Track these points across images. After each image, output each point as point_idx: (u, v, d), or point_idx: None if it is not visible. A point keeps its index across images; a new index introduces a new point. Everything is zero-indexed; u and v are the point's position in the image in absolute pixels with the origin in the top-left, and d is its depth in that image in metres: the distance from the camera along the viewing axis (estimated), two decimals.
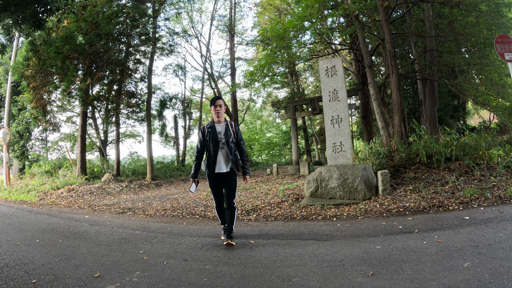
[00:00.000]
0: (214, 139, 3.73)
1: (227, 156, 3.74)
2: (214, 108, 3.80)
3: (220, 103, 3.80)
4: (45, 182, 11.08)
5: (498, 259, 2.47)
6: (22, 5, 5.30)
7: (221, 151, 3.74)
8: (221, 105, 3.80)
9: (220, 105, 3.80)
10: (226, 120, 3.90)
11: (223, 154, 3.74)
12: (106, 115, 12.89)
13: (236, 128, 3.89)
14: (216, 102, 3.80)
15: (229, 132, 3.79)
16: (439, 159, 6.01)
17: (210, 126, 3.83)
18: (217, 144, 3.74)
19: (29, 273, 2.86)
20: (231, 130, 3.82)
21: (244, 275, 2.63)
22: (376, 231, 3.71)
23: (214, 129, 3.79)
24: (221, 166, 3.72)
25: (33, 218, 6.03)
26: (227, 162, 3.74)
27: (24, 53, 11.69)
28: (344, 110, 5.82)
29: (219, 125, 3.83)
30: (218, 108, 3.78)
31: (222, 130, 3.79)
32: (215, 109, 3.79)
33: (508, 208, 4.00)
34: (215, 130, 3.79)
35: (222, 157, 3.73)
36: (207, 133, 3.80)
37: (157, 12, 13.58)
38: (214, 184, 3.83)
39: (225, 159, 3.74)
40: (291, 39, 9.14)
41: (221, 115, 3.81)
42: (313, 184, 5.62)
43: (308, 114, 14.14)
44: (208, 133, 3.80)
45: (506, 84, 9.69)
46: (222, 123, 3.84)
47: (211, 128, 3.80)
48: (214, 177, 3.78)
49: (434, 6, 9.05)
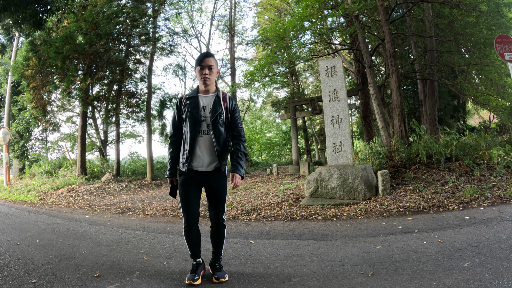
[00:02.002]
0: (193, 118, 2.44)
1: (212, 146, 2.46)
2: (200, 70, 2.46)
3: (210, 62, 2.46)
4: (45, 182, 11.08)
5: (498, 259, 2.47)
6: (22, 5, 5.31)
7: (202, 138, 2.46)
8: (212, 67, 2.47)
9: (210, 66, 2.46)
10: (218, 90, 2.58)
11: (205, 143, 2.46)
12: (106, 115, 12.89)
13: (231, 104, 2.57)
14: (205, 61, 2.45)
15: (219, 108, 2.48)
16: (439, 159, 6.01)
17: (190, 96, 2.52)
18: (197, 126, 2.44)
19: (29, 273, 2.86)
20: (222, 105, 2.51)
21: (244, 275, 2.63)
22: (376, 231, 3.71)
23: (196, 101, 2.49)
24: (201, 160, 2.47)
25: (33, 218, 6.03)
26: (211, 155, 2.47)
27: (24, 53, 11.70)
28: (344, 110, 5.82)
29: (204, 96, 2.52)
30: (207, 71, 2.45)
31: (209, 105, 2.49)
32: (202, 72, 2.46)
33: (508, 208, 4.00)
34: (197, 103, 2.48)
35: (204, 147, 2.46)
36: (185, 105, 2.50)
37: (157, 12, 13.59)
38: (187, 189, 2.49)
39: (209, 151, 2.47)
40: (291, 39, 9.14)
41: (211, 82, 2.50)
42: (313, 184, 5.62)
43: (308, 114, 14.14)
44: (186, 107, 2.49)
45: (506, 84, 9.70)
46: (211, 94, 2.54)
47: (191, 100, 2.49)
48: (189, 178, 2.49)
49: (434, 6, 9.05)
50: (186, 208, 2.49)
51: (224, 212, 2.63)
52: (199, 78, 2.50)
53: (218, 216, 2.58)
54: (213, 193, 2.56)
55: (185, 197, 2.48)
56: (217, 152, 2.46)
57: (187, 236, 2.53)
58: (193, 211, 2.50)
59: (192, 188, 2.50)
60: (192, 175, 2.49)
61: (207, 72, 2.46)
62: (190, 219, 2.50)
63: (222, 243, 2.64)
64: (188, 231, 2.52)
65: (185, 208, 2.50)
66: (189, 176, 2.49)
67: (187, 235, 2.53)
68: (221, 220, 2.60)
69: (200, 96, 2.53)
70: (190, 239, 2.54)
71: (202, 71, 2.46)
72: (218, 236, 2.62)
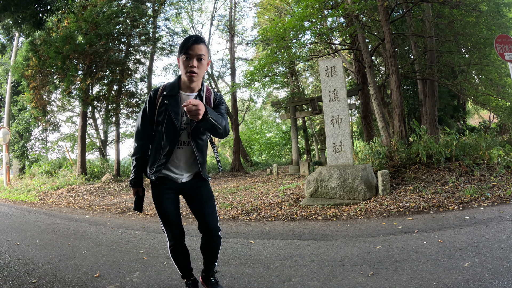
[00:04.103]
0: (173, 126, 1.90)
1: (193, 158, 2.01)
2: (185, 60, 1.83)
3: (200, 51, 1.83)
4: (45, 182, 11.08)
5: (498, 259, 2.47)
6: (22, 5, 5.31)
7: (182, 150, 1.98)
8: (202, 57, 1.85)
9: (200, 56, 1.83)
10: (202, 86, 1.98)
11: (185, 155, 1.99)
12: (106, 115, 12.90)
13: (218, 101, 2.04)
14: (193, 49, 1.82)
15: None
16: (439, 159, 6.01)
17: (170, 93, 1.92)
18: (176, 136, 1.92)
19: (29, 273, 2.86)
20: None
21: (244, 275, 2.63)
22: (376, 231, 3.71)
23: (176, 101, 1.91)
24: (179, 174, 2.01)
25: (33, 218, 6.03)
26: (191, 167, 2.03)
27: (24, 53, 11.71)
28: (344, 110, 5.82)
29: (186, 95, 1.93)
30: (194, 62, 1.83)
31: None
32: (187, 64, 1.83)
33: (508, 208, 4.00)
34: (177, 103, 1.91)
35: (183, 160, 2.00)
36: (162, 105, 1.91)
37: (157, 12, 13.61)
38: (163, 200, 2.02)
39: (188, 163, 2.02)
40: (291, 39, 9.15)
41: (198, 79, 1.89)
42: (313, 184, 5.62)
43: (308, 114, 14.15)
44: (163, 107, 1.90)
45: (506, 84, 9.71)
46: (195, 92, 1.95)
47: (171, 100, 1.90)
48: (164, 188, 2.01)
49: (434, 6, 9.06)
50: (168, 222, 2.04)
51: (217, 218, 2.09)
52: (183, 71, 1.86)
53: (209, 223, 2.03)
54: (194, 196, 2.06)
55: (163, 210, 2.02)
56: (200, 163, 2.01)
57: (174, 255, 2.10)
58: (176, 224, 2.06)
59: (169, 196, 2.03)
60: (168, 184, 2.01)
61: (195, 65, 1.82)
62: (175, 233, 2.06)
63: (217, 256, 2.15)
64: (175, 249, 2.08)
65: (166, 223, 2.04)
66: (165, 187, 2.01)
67: (174, 254, 2.10)
68: (214, 228, 2.04)
69: (182, 94, 1.94)
70: (179, 258, 2.11)
71: (188, 61, 1.82)
72: (213, 248, 2.09)
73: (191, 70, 1.84)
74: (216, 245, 2.09)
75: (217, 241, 2.08)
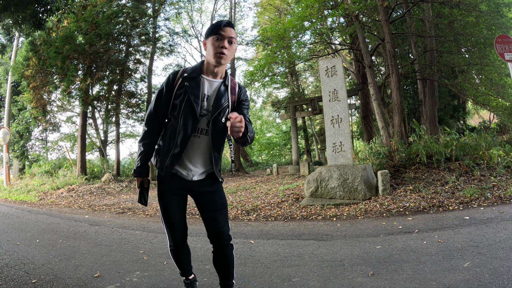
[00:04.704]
0: (192, 110, 1.72)
1: (208, 151, 1.81)
2: (215, 41, 1.69)
3: (231, 33, 1.70)
4: (45, 182, 11.08)
5: (498, 259, 2.47)
6: (22, 5, 5.31)
7: (198, 139, 1.78)
8: (233, 40, 1.71)
9: (231, 39, 1.70)
10: (226, 75, 1.83)
11: (200, 146, 1.79)
12: (106, 115, 12.90)
13: (241, 95, 1.88)
14: (225, 31, 1.69)
15: (224, 101, 1.78)
16: (439, 159, 6.01)
17: (191, 75, 1.77)
18: (194, 122, 1.74)
19: (29, 273, 2.86)
20: (229, 98, 1.81)
21: (244, 275, 2.63)
22: (376, 231, 3.71)
23: (198, 84, 1.75)
24: (191, 168, 1.80)
25: (33, 218, 6.03)
26: (205, 162, 1.83)
27: (24, 53, 11.70)
28: (344, 110, 5.82)
29: (209, 80, 1.79)
30: (226, 43, 1.69)
31: (213, 95, 1.77)
32: (218, 45, 1.68)
33: (508, 208, 4.00)
34: (198, 86, 1.75)
35: (198, 152, 1.80)
36: (181, 87, 1.74)
37: (157, 12, 13.60)
38: (169, 200, 1.85)
39: (203, 157, 1.82)
40: (291, 39, 9.15)
41: (226, 62, 1.73)
42: (313, 184, 5.62)
43: (308, 114, 14.15)
44: (182, 89, 1.74)
45: (506, 84, 9.71)
46: (218, 79, 1.80)
47: (192, 83, 1.75)
48: (171, 187, 1.84)
49: (434, 6, 9.06)
50: (171, 226, 1.88)
51: (228, 225, 1.91)
52: (211, 53, 1.70)
53: (221, 231, 1.85)
54: (207, 202, 1.86)
55: (167, 213, 1.85)
56: (214, 158, 1.81)
57: (175, 256, 1.96)
58: (179, 227, 1.89)
59: (175, 198, 1.85)
60: (177, 183, 1.82)
61: (226, 46, 1.69)
62: (177, 237, 1.90)
63: (233, 270, 1.93)
64: (176, 251, 1.94)
65: (169, 225, 1.87)
66: (171, 183, 1.83)
67: (175, 255, 1.96)
68: (226, 237, 1.87)
69: (204, 78, 1.78)
70: (180, 258, 1.97)
71: (219, 42, 1.68)
72: (227, 259, 1.89)
73: (221, 51, 1.68)
74: (231, 256, 1.90)
75: (231, 251, 1.90)
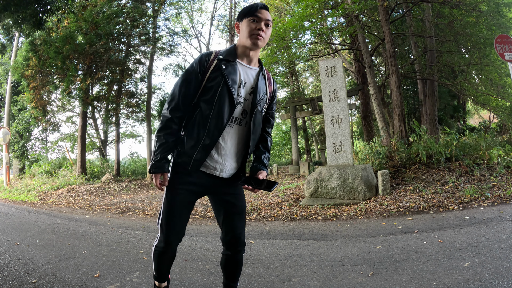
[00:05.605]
0: (229, 96, 1.55)
1: (243, 144, 1.65)
2: (252, 22, 1.56)
3: (268, 16, 1.58)
4: (45, 182, 11.08)
5: (498, 259, 2.47)
6: (22, 5, 5.31)
7: (232, 129, 1.60)
8: (269, 22, 1.59)
9: (267, 21, 1.58)
10: (261, 64, 1.70)
11: (234, 137, 1.61)
12: (106, 115, 12.91)
13: (275, 87, 1.79)
14: (262, 13, 1.56)
15: (262, 89, 1.65)
16: (439, 159, 6.01)
17: (227, 57, 1.59)
18: (231, 107, 1.55)
19: (29, 273, 2.86)
20: (267, 87, 1.68)
21: (244, 275, 2.63)
22: (376, 231, 3.71)
23: (234, 68, 1.59)
24: (221, 162, 1.60)
25: (33, 218, 6.03)
26: (237, 156, 1.65)
27: (24, 53, 11.70)
28: (344, 110, 5.82)
29: (245, 67, 1.63)
30: (263, 26, 1.56)
31: (250, 82, 1.63)
32: (254, 27, 1.56)
33: (508, 208, 4.00)
34: (235, 70, 1.58)
35: (230, 144, 1.61)
36: (217, 69, 1.56)
37: (157, 12, 13.60)
38: (179, 195, 1.61)
39: (235, 150, 1.64)
40: (291, 39, 9.15)
41: (263, 44, 1.60)
42: (313, 184, 5.62)
43: (308, 114, 14.16)
44: (218, 71, 1.56)
45: (506, 84, 9.72)
46: (254, 67, 1.66)
47: (229, 67, 1.57)
48: (191, 180, 1.60)
49: (434, 6, 9.07)
50: (171, 223, 1.63)
51: (244, 231, 1.77)
52: (245, 35, 1.57)
53: (238, 237, 1.71)
54: (228, 202, 1.68)
55: (174, 206, 1.61)
56: (249, 153, 1.65)
57: (159, 258, 1.70)
58: (178, 229, 1.65)
59: (190, 195, 1.62)
60: (197, 176, 1.60)
61: (264, 28, 1.55)
62: (171, 238, 1.66)
63: (240, 274, 1.83)
64: (162, 254, 1.69)
65: (168, 223, 1.63)
66: (191, 176, 1.59)
67: (160, 257, 1.70)
68: (242, 243, 1.75)
69: (240, 64, 1.61)
70: (165, 262, 1.73)
71: (255, 24, 1.55)
72: (235, 268, 1.79)
73: (258, 33, 1.55)
74: (241, 261, 1.80)
75: (242, 256, 1.80)
